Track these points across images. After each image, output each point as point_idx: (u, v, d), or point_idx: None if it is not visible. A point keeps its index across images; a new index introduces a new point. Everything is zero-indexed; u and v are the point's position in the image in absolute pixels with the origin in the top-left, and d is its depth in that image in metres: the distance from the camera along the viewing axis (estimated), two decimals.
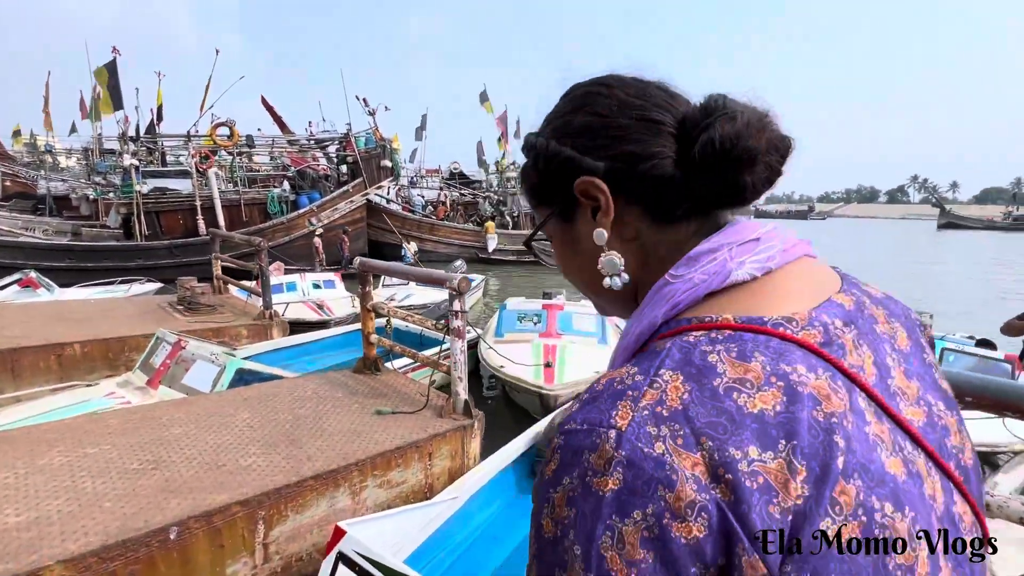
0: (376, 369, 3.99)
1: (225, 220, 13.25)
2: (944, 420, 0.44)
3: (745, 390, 0.36)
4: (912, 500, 0.37)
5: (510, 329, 5.59)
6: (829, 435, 0.35)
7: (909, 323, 0.49)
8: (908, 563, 0.35)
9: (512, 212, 19.69)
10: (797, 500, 0.33)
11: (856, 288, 0.48)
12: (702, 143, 0.44)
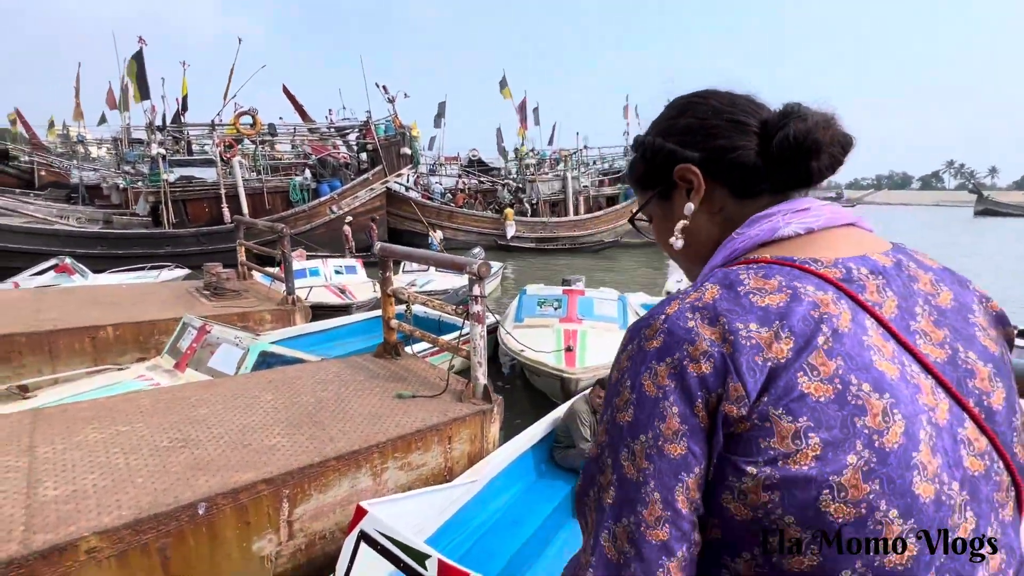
0: (396, 354, 4.02)
1: (249, 208, 13.47)
2: (970, 365, 0.51)
3: (760, 293, 0.51)
4: (897, 394, 0.46)
5: (530, 314, 5.57)
6: (818, 324, 0.48)
7: (962, 290, 0.57)
8: (878, 427, 0.45)
9: (531, 199, 19.55)
10: (779, 357, 0.47)
11: (904, 254, 0.58)
12: (779, 138, 0.58)
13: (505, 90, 21.56)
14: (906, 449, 0.45)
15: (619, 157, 22.72)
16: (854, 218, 0.60)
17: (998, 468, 0.50)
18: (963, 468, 0.47)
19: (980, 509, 0.47)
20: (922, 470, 0.45)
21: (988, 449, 0.49)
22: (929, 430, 0.46)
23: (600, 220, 19.30)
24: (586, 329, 5.16)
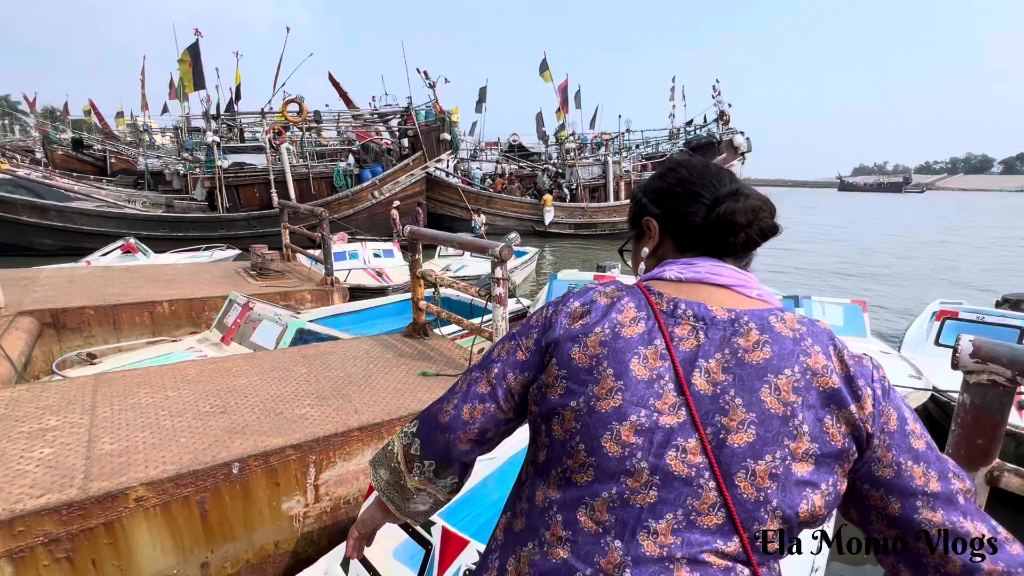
0: (425, 334, 4.15)
1: (296, 193, 14.04)
2: (728, 406, 0.64)
3: (601, 294, 0.77)
4: (631, 386, 0.67)
5: None
6: (607, 320, 0.72)
7: (790, 361, 0.66)
8: (598, 395, 0.68)
9: (570, 184, 19.35)
10: (573, 326, 0.74)
11: (758, 318, 0.69)
12: (712, 214, 0.75)
13: (546, 73, 21.28)
14: (609, 417, 0.66)
15: (663, 140, 22.08)
16: (734, 282, 0.74)
17: (705, 483, 0.62)
18: (663, 460, 0.64)
19: (668, 497, 0.63)
20: (615, 435, 0.65)
21: (701, 464, 0.63)
22: (643, 420, 0.65)
23: None
24: None
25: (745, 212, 0.73)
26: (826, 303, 5.19)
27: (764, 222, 0.74)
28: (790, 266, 13.59)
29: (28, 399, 2.67)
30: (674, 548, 0.62)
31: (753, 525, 0.61)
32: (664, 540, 0.62)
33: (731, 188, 0.76)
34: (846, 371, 0.66)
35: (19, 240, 11.42)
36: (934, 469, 0.65)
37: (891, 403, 0.67)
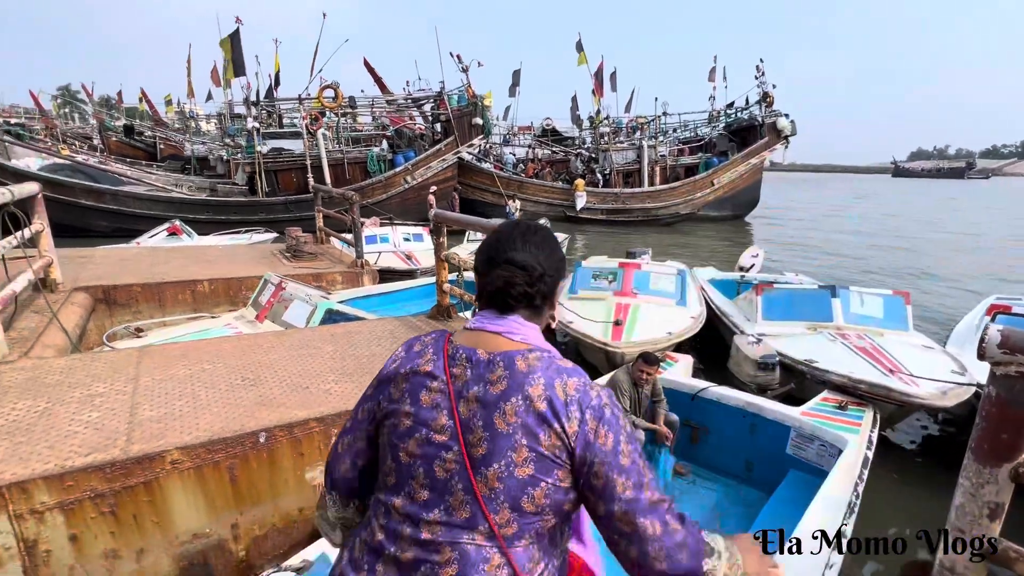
0: (448, 316, 4.22)
1: (331, 178, 14.37)
2: (475, 429, 0.86)
3: (419, 340, 1.01)
4: (418, 412, 0.90)
5: (584, 286, 5.56)
6: (413, 359, 0.96)
7: (517, 392, 0.86)
8: (399, 417, 0.92)
9: (604, 169, 19.04)
10: (392, 367, 0.99)
11: (507, 359, 0.90)
12: (484, 280, 1.00)
13: (581, 55, 20.84)
14: (404, 435, 0.90)
15: (702, 124, 21.37)
16: (503, 330, 0.94)
17: (454, 485, 0.85)
18: (432, 468, 0.87)
19: (434, 496, 0.86)
20: (407, 448, 0.89)
21: (455, 470, 0.85)
22: (423, 437, 0.88)
23: (676, 191, 18.42)
24: (639, 304, 5.06)
25: (495, 281, 0.95)
26: (865, 294, 4.97)
27: (516, 290, 0.94)
28: (832, 253, 13.02)
29: (80, 367, 2.88)
30: (440, 535, 0.84)
31: (495, 515, 0.83)
32: (434, 528, 0.85)
33: (504, 257, 0.95)
34: (565, 398, 0.85)
35: (78, 222, 12.17)
36: (632, 481, 0.84)
37: (608, 427, 0.86)
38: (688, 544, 0.86)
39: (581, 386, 0.88)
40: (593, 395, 0.87)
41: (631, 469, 0.85)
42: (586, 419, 0.85)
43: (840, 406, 3.43)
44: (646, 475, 0.86)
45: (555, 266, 1.01)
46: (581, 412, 0.85)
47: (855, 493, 2.43)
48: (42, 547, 1.99)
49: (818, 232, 17.37)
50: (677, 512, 0.88)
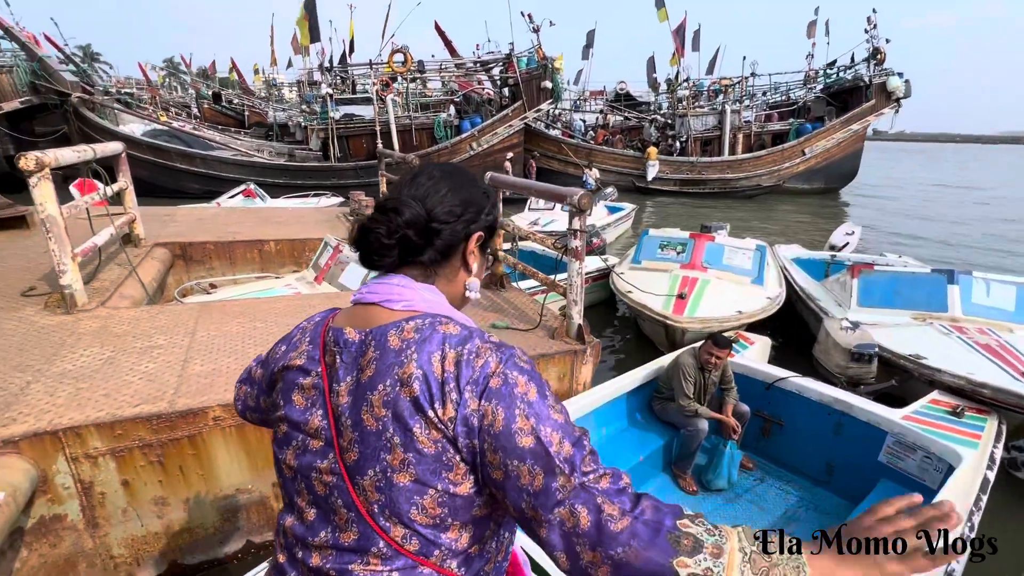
0: (501, 286, 4.05)
1: (399, 144, 14.51)
2: (344, 429, 0.70)
3: (300, 329, 0.85)
4: (292, 415, 0.76)
5: (649, 257, 5.16)
6: (286, 352, 0.82)
7: (387, 375, 0.68)
8: (279, 422, 0.79)
9: (680, 136, 17.79)
10: (274, 359, 0.84)
11: (378, 337, 0.72)
12: None
13: (662, 11, 19.31)
14: (283, 442, 0.77)
15: (796, 86, 19.27)
16: (381, 298, 0.75)
17: (334, 501, 0.70)
18: (311, 482, 0.72)
19: (320, 515, 0.72)
20: (286, 459, 0.76)
21: (333, 483, 0.70)
22: (300, 445, 0.74)
23: (760, 161, 16.89)
24: (709, 278, 4.61)
25: (359, 232, 0.77)
26: (993, 281, 4.20)
27: (373, 238, 0.75)
28: (946, 241, 11.41)
29: (146, 319, 3.00)
30: (329, 562, 0.69)
31: (388, 532, 0.67)
32: (324, 553, 0.70)
33: (386, 202, 0.78)
34: (442, 376, 0.66)
35: (173, 183, 13.22)
36: (540, 465, 0.62)
37: (497, 401, 0.64)
38: (637, 534, 0.58)
39: (464, 355, 0.66)
40: (477, 364, 0.66)
41: (537, 451, 0.62)
42: (465, 399, 0.64)
43: (954, 412, 2.90)
44: (559, 456, 0.62)
45: (458, 210, 0.78)
46: (459, 391, 0.65)
47: (968, 524, 2.00)
48: (97, 489, 2.07)
49: (930, 213, 15.23)
50: (626, 496, 0.62)
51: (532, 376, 0.68)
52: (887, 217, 14.02)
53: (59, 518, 2.03)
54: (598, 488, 0.62)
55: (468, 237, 0.80)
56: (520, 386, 0.65)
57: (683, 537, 0.59)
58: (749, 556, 0.59)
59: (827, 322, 3.84)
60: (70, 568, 2.11)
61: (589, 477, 0.63)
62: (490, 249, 0.89)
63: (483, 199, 0.83)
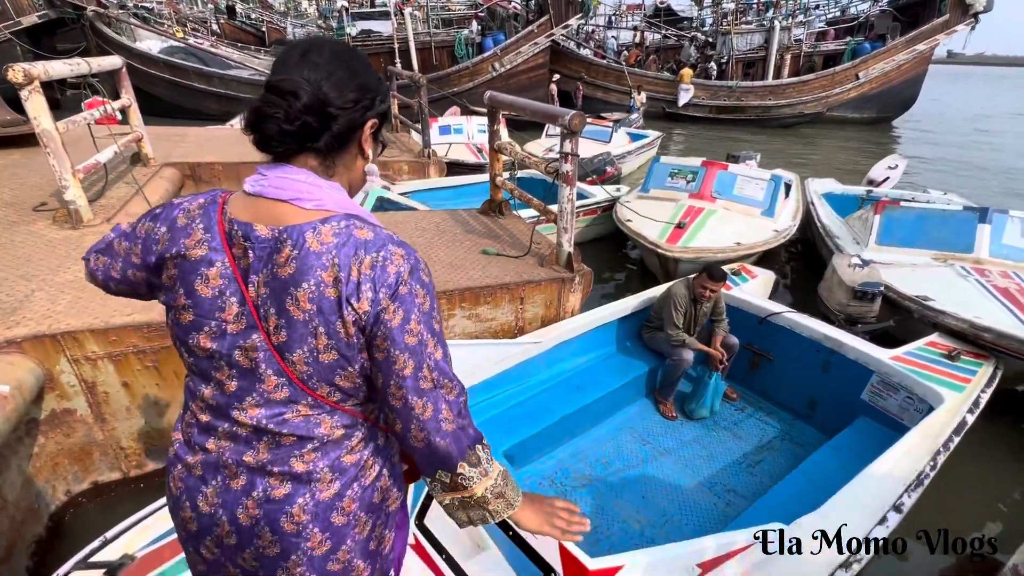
0: (500, 213, 3.99)
1: (418, 63, 13.87)
2: (270, 316, 0.77)
3: (181, 213, 0.83)
4: (199, 303, 0.79)
5: (658, 185, 4.96)
6: (176, 241, 0.80)
7: (308, 276, 0.75)
8: (181, 309, 0.81)
9: (720, 57, 16.39)
10: (159, 248, 0.82)
11: (293, 236, 0.76)
12: None
13: None
14: (190, 328, 0.81)
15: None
16: (292, 196, 0.77)
17: (264, 371, 0.79)
18: (234, 358, 0.79)
19: (244, 384, 0.80)
20: (197, 342, 0.80)
21: (260, 358, 0.79)
22: (215, 329, 0.79)
23: (807, 86, 15.50)
24: (716, 209, 4.42)
25: (250, 115, 0.76)
26: None
27: (270, 126, 0.75)
28: (1011, 181, 10.49)
29: None
30: (260, 418, 0.80)
31: (316, 390, 0.80)
32: (252, 413, 0.80)
33: (271, 81, 0.75)
34: (359, 278, 0.75)
35: (192, 104, 13.12)
36: (414, 361, 0.77)
37: (400, 303, 0.76)
38: (453, 436, 0.82)
39: (379, 261, 0.76)
40: (391, 271, 0.76)
41: (415, 349, 0.78)
42: (379, 298, 0.75)
43: (950, 355, 2.81)
44: (431, 358, 0.79)
45: (355, 95, 0.78)
46: (374, 291, 0.75)
47: (932, 463, 2.00)
48: (100, 388, 2.26)
49: (994, 149, 13.87)
50: (460, 409, 0.83)
51: (429, 290, 0.80)
52: (943, 150, 12.90)
53: (69, 412, 2.24)
54: (444, 395, 0.81)
55: (364, 124, 0.81)
56: (419, 297, 0.78)
57: (473, 454, 0.85)
58: (495, 482, 0.88)
59: (836, 258, 3.68)
60: (85, 455, 2.36)
61: (442, 381, 0.81)
62: (381, 136, 0.89)
63: (378, 85, 0.83)
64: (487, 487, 0.86)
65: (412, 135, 7.32)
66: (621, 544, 2.29)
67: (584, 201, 5.37)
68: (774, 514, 1.95)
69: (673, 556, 1.51)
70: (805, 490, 2.22)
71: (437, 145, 6.85)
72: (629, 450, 2.87)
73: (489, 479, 0.87)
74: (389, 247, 0.77)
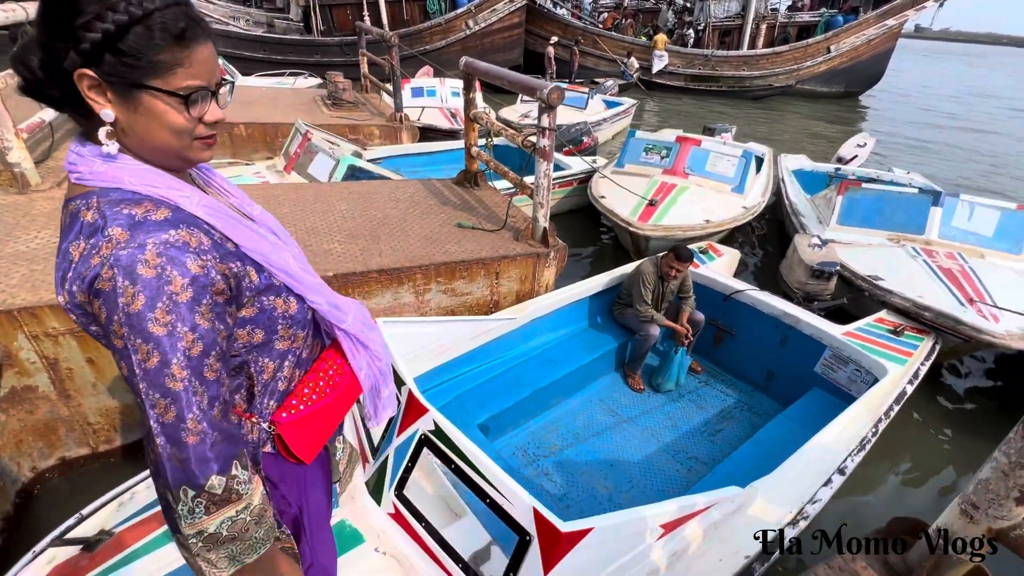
0: (476, 184, 3.95)
1: (388, 17, 13.19)
2: None
3: None
4: None
5: (633, 160, 4.98)
6: None
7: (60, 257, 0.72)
8: None
9: (697, 23, 16.20)
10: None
11: (64, 208, 0.73)
12: None
13: None
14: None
15: None
16: (67, 164, 0.72)
17: None
18: None
19: None
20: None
21: None
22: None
23: (780, 58, 15.56)
24: (688, 185, 4.50)
25: None
26: (979, 205, 4.11)
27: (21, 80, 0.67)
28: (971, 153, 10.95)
29: None
30: None
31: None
32: None
33: None
34: (69, 264, 0.68)
35: None
36: (125, 363, 0.67)
37: (102, 303, 0.66)
38: (168, 460, 0.69)
39: (88, 249, 0.67)
40: (93, 263, 0.66)
41: (123, 352, 0.67)
42: (73, 291, 0.68)
43: (895, 331, 3.01)
44: (140, 367, 0.66)
45: (53, 23, 0.62)
46: (71, 283, 0.68)
47: (873, 429, 2.18)
48: (64, 365, 2.19)
49: (957, 124, 14.39)
50: (176, 437, 0.68)
51: (146, 286, 0.64)
52: (911, 127, 13.30)
53: (31, 388, 2.17)
54: (157, 414, 0.68)
55: (71, 74, 0.64)
56: (125, 296, 0.64)
57: (183, 494, 0.70)
58: (200, 540, 0.72)
59: (797, 238, 3.83)
60: (51, 432, 2.31)
61: (153, 397, 0.67)
62: (151, 88, 0.67)
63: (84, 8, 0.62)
64: (192, 536, 0.71)
65: (383, 97, 7.06)
66: (589, 508, 2.43)
67: (560, 173, 5.35)
68: (732, 478, 2.11)
69: (638, 518, 1.62)
70: (761, 456, 2.39)
71: (409, 108, 6.63)
72: (599, 421, 3.00)
73: (198, 529, 0.71)
74: (99, 237, 0.66)
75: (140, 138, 0.71)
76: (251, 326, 0.81)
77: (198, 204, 0.74)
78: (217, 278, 0.71)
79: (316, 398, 0.92)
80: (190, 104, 0.70)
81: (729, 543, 1.74)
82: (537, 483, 2.54)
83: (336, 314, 0.91)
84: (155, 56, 0.66)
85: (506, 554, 1.50)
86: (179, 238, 0.68)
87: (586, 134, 6.46)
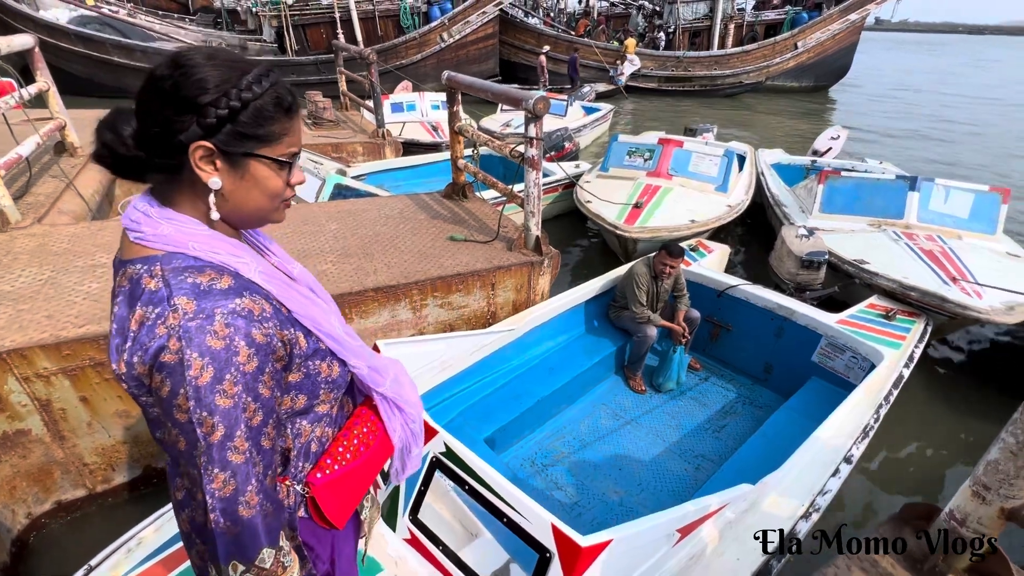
0: (464, 196, 3.95)
1: (362, 35, 13.22)
2: None
3: None
4: None
5: (617, 164, 5.03)
6: None
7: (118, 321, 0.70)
8: None
9: (667, 27, 16.50)
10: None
11: (122, 274, 0.72)
12: None
13: None
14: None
15: None
16: (128, 223, 0.71)
17: None
18: None
19: None
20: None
21: None
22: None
23: (749, 56, 15.91)
24: (672, 186, 4.55)
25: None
26: (953, 188, 4.23)
27: (100, 149, 0.69)
28: (939, 141, 11.26)
29: (87, 236, 2.89)
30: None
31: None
32: None
33: None
34: (126, 333, 0.67)
35: (112, 80, 12.00)
36: (184, 437, 0.66)
37: (166, 376, 0.65)
38: (221, 535, 0.68)
39: (152, 318, 0.65)
40: (160, 332, 0.64)
41: (186, 426, 0.66)
42: (132, 362, 0.67)
43: (887, 315, 3.07)
44: (205, 440, 0.65)
45: (179, 100, 0.64)
46: (132, 353, 0.66)
47: (875, 416, 2.22)
48: (56, 406, 2.13)
49: (923, 113, 14.81)
50: (233, 511, 0.67)
51: (215, 358, 0.64)
52: (880, 118, 13.66)
53: (23, 432, 2.11)
54: (215, 489, 0.67)
55: (187, 147, 0.66)
56: (194, 368, 0.64)
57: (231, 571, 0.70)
58: None
59: (784, 229, 3.90)
60: (46, 475, 2.24)
61: (213, 472, 0.66)
62: (260, 156, 0.71)
63: (203, 101, 0.65)
64: None
65: (364, 114, 7.04)
66: (602, 515, 2.42)
67: (545, 180, 5.38)
68: (741, 475, 2.12)
69: (655, 525, 1.62)
70: (767, 450, 2.41)
71: (390, 124, 6.62)
72: (603, 425, 3.00)
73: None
74: (165, 306, 0.65)
75: (236, 203, 0.73)
76: (295, 391, 0.80)
77: (255, 271, 0.74)
78: (278, 345, 0.72)
79: (350, 457, 0.90)
80: (291, 169, 0.75)
81: (745, 541, 1.75)
82: (548, 494, 2.53)
83: (376, 378, 0.91)
84: (269, 127, 0.70)
85: (526, 572, 1.49)
86: (244, 307, 0.68)
87: (567, 139, 6.51)
